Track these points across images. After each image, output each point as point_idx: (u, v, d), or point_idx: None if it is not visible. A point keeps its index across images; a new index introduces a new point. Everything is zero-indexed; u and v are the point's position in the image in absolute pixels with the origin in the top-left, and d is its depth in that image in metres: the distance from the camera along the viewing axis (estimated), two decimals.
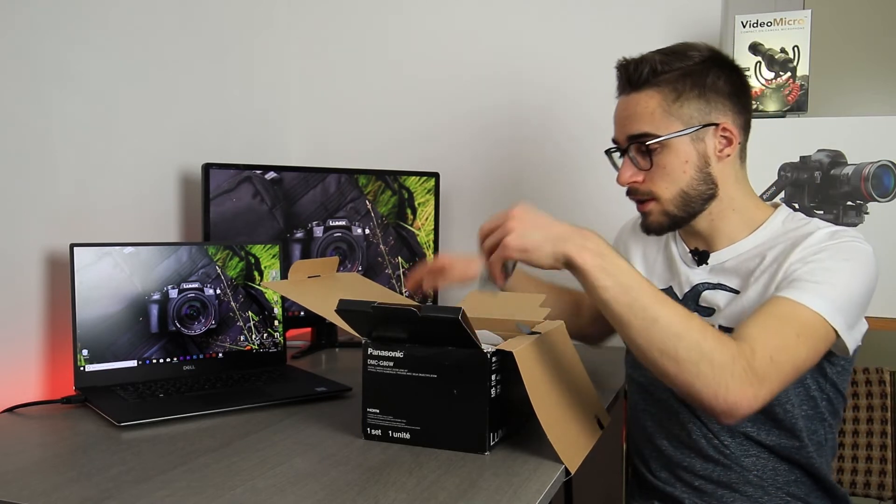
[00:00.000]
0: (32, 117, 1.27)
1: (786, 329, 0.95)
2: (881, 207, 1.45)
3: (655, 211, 1.12)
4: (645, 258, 1.27)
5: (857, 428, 1.53)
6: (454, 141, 1.91)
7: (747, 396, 0.89)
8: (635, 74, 1.08)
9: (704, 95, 1.08)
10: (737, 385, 0.89)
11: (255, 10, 1.85)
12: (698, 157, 1.08)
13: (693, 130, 1.07)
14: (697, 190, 1.09)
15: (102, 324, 1.25)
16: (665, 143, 1.07)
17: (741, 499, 1.11)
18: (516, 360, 0.93)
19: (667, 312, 0.90)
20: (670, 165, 1.08)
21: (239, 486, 0.86)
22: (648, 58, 1.09)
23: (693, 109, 1.07)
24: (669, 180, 1.09)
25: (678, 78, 1.07)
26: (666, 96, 1.07)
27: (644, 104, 1.08)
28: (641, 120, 1.08)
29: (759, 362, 0.90)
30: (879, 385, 1.54)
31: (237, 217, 1.56)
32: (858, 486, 1.55)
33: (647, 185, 1.11)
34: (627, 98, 1.11)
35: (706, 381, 0.89)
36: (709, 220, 1.12)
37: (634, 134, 1.09)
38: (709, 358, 0.89)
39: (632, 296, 0.90)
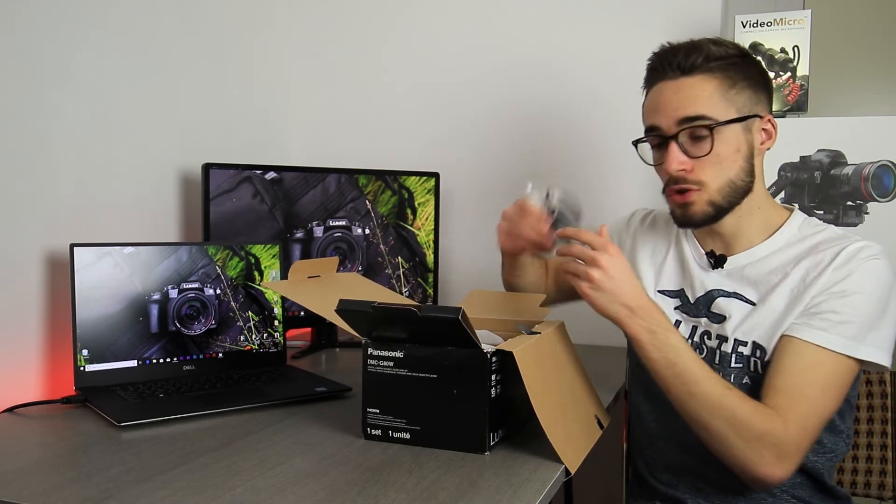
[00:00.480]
0: (32, 117, 1.27)
1: (815, 386, 1.00)
2: (881, 207, 1.45)
3: (700, 200, 1.08)
4: (653, 256, 1.24)
5: (857, 428, 1.53)
6: (454, 141, 1.91)
7: (776, 472, 0.97)
8: (687, 60, 1.06)
9: (753, 86, 1.08)
10: (766, 463, 0.96)
11: (255, 10, 1.85)
12: (747, 147, 1.08)
13: (747, 119, 1.07)
14: (743, 181, 1.08)
15: (102, 324, 1.25)
16: (720, 129, 1.05)
17: (744, 501, 1.11)
18: (516, 360, 0.93)
19: (704, 389, 0.99)
20: (724, 153, 1.06)
21: (239, 486, 0.86)
22: (700, 43, 1.07)
23: (745, 98, 1.07)
24: (720, 168, 1.06)
25: (730, 66, 1.06)
26: (722, 82, 1.06)
27: (701, 87, 1.05)
28: (698, 102, 1.05)
29: (791, 439, 0.97)
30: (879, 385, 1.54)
31: (237, 217, 1.56)
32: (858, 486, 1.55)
33: (695, 174, 1.07)
34: (677, 82, 1.07)
35: (736, 453, 0.98)
36: (737, 217, 1.10)
37: (690, 116, 1.05)
38: (739, 434, 0.97)
39: (675, 371, 1.00)
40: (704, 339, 1.13)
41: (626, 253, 1.30)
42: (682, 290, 1.19)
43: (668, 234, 1.25)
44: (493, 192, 1.89)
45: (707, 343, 1.13)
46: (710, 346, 1.12)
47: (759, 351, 1.07)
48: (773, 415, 0.97)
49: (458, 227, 1.93)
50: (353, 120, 2.01)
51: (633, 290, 1.02)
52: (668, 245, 1.23)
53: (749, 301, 1.10)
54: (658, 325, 1.02)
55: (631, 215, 1.36)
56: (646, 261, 1.25)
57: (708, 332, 1.13)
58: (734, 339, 1.09)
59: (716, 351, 1.11)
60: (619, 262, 1.02)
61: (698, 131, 1.05)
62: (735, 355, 1.09)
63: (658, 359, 1.01)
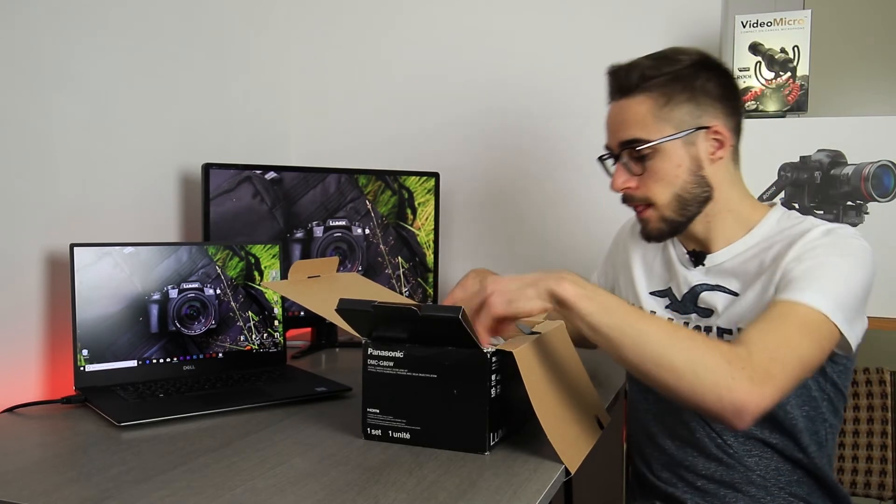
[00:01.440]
0: (32, 117, 1.27)
1: (785, 327, 0.95)
2: (881, 207, 1.45)
3: (653, 217, 1.12)
4: (644, 259, 1.27)
5: (858, 428, 1.53)
6: (454, 141, 1.91)
7: (753, 395, 0.88)
8: (626, 80, 1.09)
9: (694, 99, 1.08)
10: (739, 385, 0.88)
11: (255, 9, 1.85)
12: (691, 160, 1.09)
13: (685, 134, 1.08)
14: (692, 193, 1.10)
15: (102, 324, 1.25)
16: (657, 147, 1.08)
17: (743, 499, 1.11)
18: (516, 360, 0.93)
19: (653, 326, 0.92)
20: (663, 170, 1.08)
21: (239, 486, 0.86)
22: (638, 63, 1.09)
23: (684, 113, 1.08)
24: (663, 185, 1.09)
25: (668, 82, 1.08)
26: (656, 101, 1.08)
27: (635, 110, 1.09)
28: (632, 125, 1.09)
29: (758, 360, 0.90)
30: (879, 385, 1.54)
31: (237, 217, 1.56)
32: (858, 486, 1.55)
33: (641, 191, 1.11)
34: (618, 104, 1.11)
35: (706, 385, 0.89)
36: (705, 222, 1.13)
37: (626, 140, 1.09)
38: (703, 362, 0.89)
39: (617, 315, 0.92)
40: None
41: (622, 265, 1.32)
42: (669, 288, 1.21)
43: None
44: (493, 191, 1.90)
45: None
46: None
47: None
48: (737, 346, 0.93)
49: (458, 226, 1.93)
50: (353, 120, 2.01)
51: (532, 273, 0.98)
52: (657, 248, 1.25)
53: (732, 292, 1.11)
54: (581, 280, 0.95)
55: (618, 232, 1.39)
56: (638, 265, 1.27)
57: (698, 327, 1.15)
58: (717, 328, 1.11)
59: None
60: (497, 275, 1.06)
61: (637, 152, 1.09)
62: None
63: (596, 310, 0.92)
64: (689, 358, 0.89)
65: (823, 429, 1.11)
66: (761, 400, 0.88)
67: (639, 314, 0.95)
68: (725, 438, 1.12)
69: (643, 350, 0.91)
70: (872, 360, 1.59)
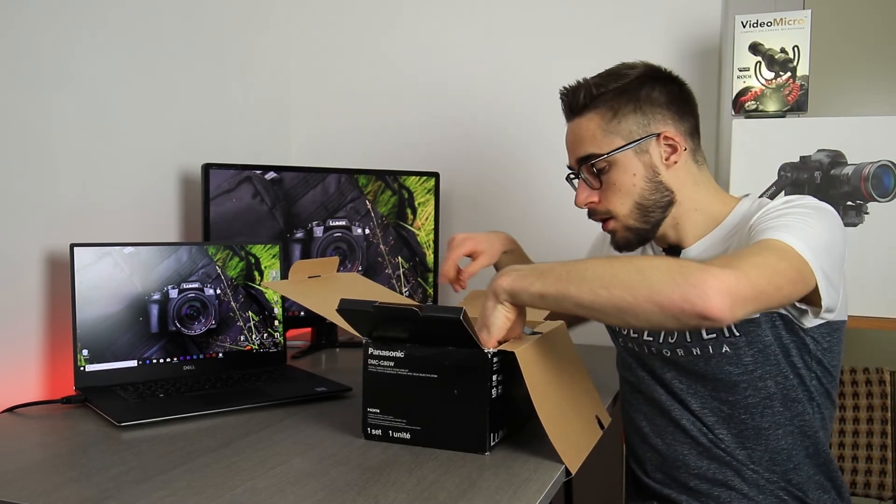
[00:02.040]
0: (32, 117, 1.27)
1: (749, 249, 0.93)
2: (881, 207, 1.45)
3: (618, 228, 1.14)
4: None
5: (858, 428, 1.53)
6: (454, 141, 1.91)
7: (716, 276, 0.83)
8: (574, 101, 1.13)
9: (640, 109, 1.11)
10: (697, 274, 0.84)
11: (255, 9, 1.85)
12: (645, 168, 1.11)
13: (635, 144, 1.10)
14: (651, 199, 1.12)
15: (102, 324, 1.25)
16: (610, 160, 1.11)
17: (737, 497, 1.11)
18: (518, 360, 0.93)
19: (593, 262, 0.93)
20: (619, 181, 1.11)
21: (239, 486, 0.86)
22: (584, 83, 1.14)
23: (631, 124, 1.10)
24: (622, 195, 1.12)
25: (613, 97, 1.11)
26: (603, 116, 1.11)
27: (585, 127, 1.12)
28: (585, 142, 1.12)
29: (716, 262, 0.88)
30: (879, 385, 1.55)
31: (237, 217, 1.56)
32: (858, 486, 1.55)
33: (603, 205, 1.14)
34: (571, 124, 1.15)
35: (662, 285, 0.85)
36: (673, 225, 1.14)
37: (581, 156, 1.13)
38: (653, 269, 0.87)
39: (554, 272, 0.93)
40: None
41: None
42: None
43: None
44: (493, 192, 1.90)
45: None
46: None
47: None
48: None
49: (458, 227, 1.93)
50: (353, 120, 2.01)
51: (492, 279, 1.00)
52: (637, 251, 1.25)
53: None
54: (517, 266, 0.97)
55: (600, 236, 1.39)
56: None
57: None
58: None
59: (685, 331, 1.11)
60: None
61: (592, 167, 1.12)
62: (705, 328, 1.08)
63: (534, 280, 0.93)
64: (636, 271, 0.88)
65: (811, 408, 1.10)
66: (725, 277, 0.84)
67: (575, 262, 0.95)
68: (717, 433, 1.12)
69: (591, 285, 0.89)
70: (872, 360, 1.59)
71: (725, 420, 1.11)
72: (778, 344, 1.06)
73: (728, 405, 1.10)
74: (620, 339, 1.23)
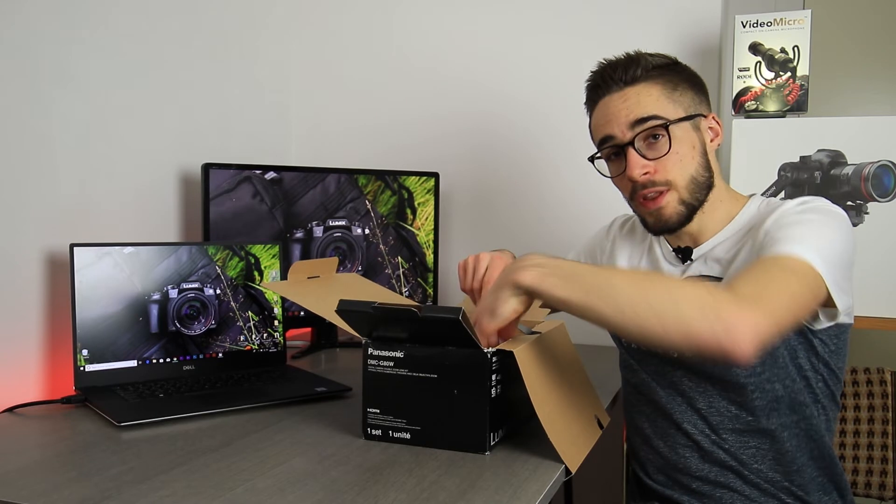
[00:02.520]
0: (32, 117, 1.27)
1: (768, 268, 0.93)
2: (881, 207, 1.45)
3: (672, 201, 1.10)
4: (629, 261, 1.27)
5: (858, 428, 1.53)
6: (454, 141, 1.92)
7: (744, 314, 0.83)
8: (627, 72, 1.10)
9: (693, 88, 1.12)
10: (727, 307, 0.84)
11: (255, 10, 1.85)
12: (700, 143, 1.11)
13: (694, 117, 1.11)
14: (703, 177, 1.11)
15: (102, 324, 1.25)
16: (671, 129, 1.08)
17: (740, 498, 1.11)
18: (517, 359, 0.93)
19: (621, 277, 0.92)
20: (682, 150, 1.09)
21: (239, 486, 0.86)
22: (637, 55, 1.12)
23: (689, 99, 1.11)
24: (682, 166, 1.09)
25: (668, 71, 1.11)
26: (664, 86, 1.10)
27: (646, 93, 1.09)
28: (648, 106, 1.08)
29: (743, 290, 0.87)
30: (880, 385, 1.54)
31: (237, 217, 1.56)
32: (859, 486, 1.55)
33: (661, 174, 1.08)
34: (623, 92, 1.10)
35: (693, 315, 0.84)
36: (701, 213, 1.13)
37: (643, 117, 1.07)
38: (683, 295, 0.86)
39: (580, 280, 0.90)
40: None
41: (606, 258, 1.32)
42: None
43: (642, 240, 1.27)
44: (493, 192, 1.90)
45: None
46: None
47: None
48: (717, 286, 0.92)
49: (458, 226, 1.93)
50: (352, 120, 2.01)
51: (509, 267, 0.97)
52: (643, 250, 1.26)
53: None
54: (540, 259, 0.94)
55: (611, 223, 1.38)
56: (623, 263, 1.28)
57: None
58: None
59: None
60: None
61: (654, 132, 1.08)
62: None
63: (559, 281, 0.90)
64: (667, 297, 0.86)
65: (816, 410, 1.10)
66: (754, 318, 0.84)
67: (601, 270, 0.94)
68: (720, 434, 1.11)
69: (620, 305, 0.87)
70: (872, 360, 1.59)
71: (731, 421, 1.11)
72: (786, 346, 1.06)
73: (736, 405, 1.10)
74: (624, 341, 1.23)
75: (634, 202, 1.14)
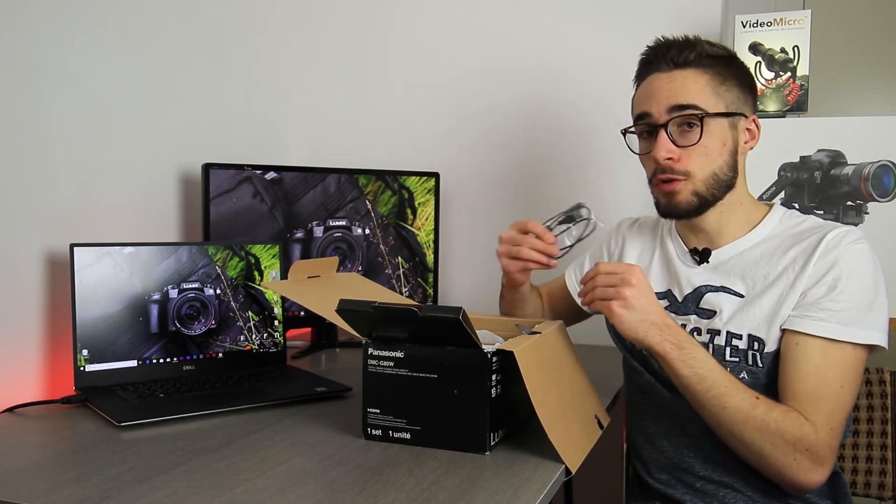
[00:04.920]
0: (32, 117, 1.27)
1: (832, 384, 1.01)
2: (881, 207, 1.45)
3: (685, 190, 1.10)
4: (640, 259, 1.26)
5: (857, 428, 1.53)
6: (454, 141, 1.91)
7: (813, 479, 0.99)
8: (680, 55, 1.10)
9: (741, 86, 1.12)
10: (803, 469, 0.99)
11: (255, 10, 1.85)
12: (732, 142, 1.11)
13: (734, 115, 1.10)
14: (726, 175, 1.11)
15: (102, 324, 1.25)
16: (707, 121, 1.08)
17: (742, 499, 1.11)
18: (517, 360, 0.93)
19: (736, 401, 1.00)
20: (711, 144, 1.09)
21: (239, 486, 0.86)
22: (695, 40, 1.11)
23: (734, 96, 1.11)
24: (706, 160, 1.09)
25: (721, 64, 1.11)
26: (713, 77, 1.10)
27: (693, 79, 1.09)
28: (691, 93, 1.08)
29: (823, 442, 0.99)
30: (879, 385, 1.54)
31: (237, 217, 1.56)
32: (858, 486, 1.55)
33: (683, 164, 1.09)
34: (670, 74, 1.10)
35: (772, 462, 1.00)
36: (719, 212, 1.13)
37: (682, 104, 1.08)
38: (773, 443, 0.99)
39: (705, 385, 1.01)
40: (695, 336, 1.14)
41: (617, 256, 1.32)
42: (669, 290, 1.20)
43: (653, 237, 1.27)
44: (493, 192, 1.90)
45: (698, 339, 1.13)
46: (701, 341, 1.13)
47: (757, 343, 1.08)
48: (802, 420, 0.99)
49: (458, 227, 1.93)
50: (353, 120, 2.01)
51: (659, 308, 1.04)
52: (654, 247, 1.25)
53: (738, 294, 1.11)
54: (686, 341, 1.02)
55: (618, 224, 1.38)
56: (632, 261, 1.27)
57: (698, 328, 1.14)
58: (727, 332, 1.11)
59: (707, 346, 1.12)
60: (646, 280, 1.04)
61: (688, 120, 1.09)
62: (730, 349, 1.10)
63: (688, 374, 1.01)
64: (759, 438, 0.99)
65: None
66: (821, 479, 1.00)
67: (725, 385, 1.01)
68: None
69: (721, 419, 1.02)
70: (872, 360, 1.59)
71: None
72: None
73: None
74: (627, 342, 1.23)
75: (652, 183, 1.15)
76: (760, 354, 1.07)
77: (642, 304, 1.01)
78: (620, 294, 1.01)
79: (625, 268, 1.03)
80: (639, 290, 1.01)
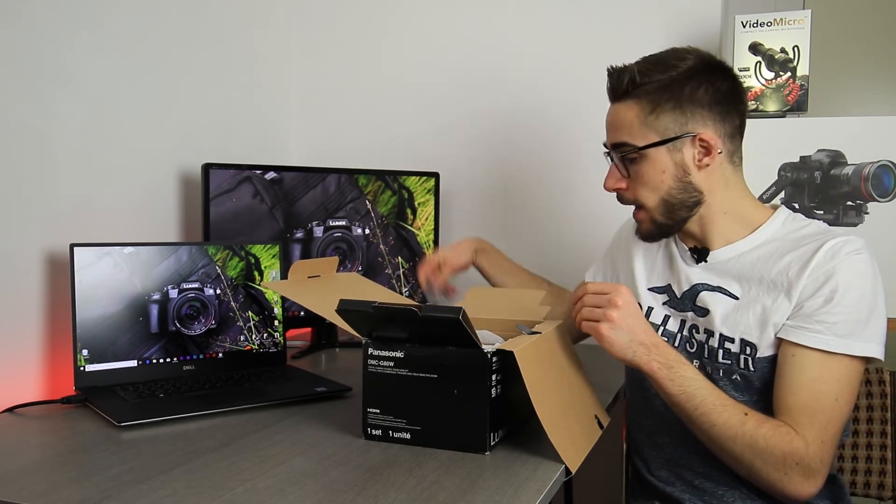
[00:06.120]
0: (32, 117, 1.27)
1: (827, 397, 1.01)
2: (881, 207, 1.45)
3: (645, 219, 1.15)
4: (646, 256, 1.26)
5: (857, 428, 1.53)
6: (454, 141, 1.91)
7: (806, 490, 1.00)
8: (618, 84, 1.11)
9: (680, 107, 1.08)
10: (794, 483, 0.99)
11: (255, 10, 1.85)
12: (675, 167, 1.10)
13: (669, 142, 1.09)
14: (678, 198, 1.11)
15: (102, 324, 1.25)
16: (642, 153, 1.10)
17: (741, 497, 1.11)
18: (517, 359, 0.93)
19: (724, 418, 1.01)
20: (647, 175, 1.11)
21: (239, 486, 0.86)
22: (629, 68, 1.10)
23: (668, 121, 1.08)
24: (649, 189, 1.11)
25: (656, 90, 1.08)
26: (643, 108, 1.09)
27: (623, 115, 1.11)
28: (621, 130, 1.11)
29: (814, 455, 0.99)
30: (879, 385, 1.54)
31: (237, 217, 1.56)
32: (858, 486, 1.55)
33: (631, 193, 1.14)
34: (613, 107, 1.14)
35: (763, 476, 1.01)
36: (699, 224, 1.14)
37: (615, 143, 1.13)
38: (763, 459, 1.00)
39: (694, 403, 1.02)
40: (693, 333, 1.15)
41: (623, 261, 1.32)
42: (668, 285, 1.21)
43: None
44: (493, 191, 1.90)
45: (696, 336, 1.14)
46: (699, 339, 1.14)
47: (749, 348, 1.08)
48: (792, 434, 0.99)
49: (458, 227, 1.93)
50: (352, 120, 2.01)
51: (647, 327, 1.04)
52: (658, 247, 1.25)
53: (732, 295, 1.11)
54: (674, 360, 1.03)
55: (619, 230, 1.39)
56: (639, 260, 1.27)
57: (696, 325, 1.15)
58: (720, 335, 1.11)
59: (704, 345, 1.13)
60: (632, 300, 1.04)
61: (626, 155, 1.12)
62: (722, 351, 1.10)
63: (677, 392, 1.02)
64: (748, 454, 1.00)
65: None
66: (814, 490, 1.00)
67: (714, 402, 1.02)
68: None
69: (710, 436, 1.03)
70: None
71: None
72: None
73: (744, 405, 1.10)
74: None
75: None
76: (752, 359, 1.07)
77: (629, 324, 1.02)
78: (607, 316, 1.01)
79: (611, 288, 1.04)
80: (625, 310, 1.02)
